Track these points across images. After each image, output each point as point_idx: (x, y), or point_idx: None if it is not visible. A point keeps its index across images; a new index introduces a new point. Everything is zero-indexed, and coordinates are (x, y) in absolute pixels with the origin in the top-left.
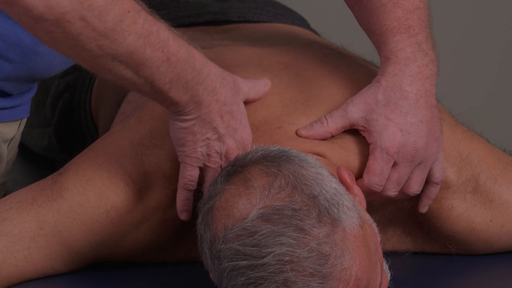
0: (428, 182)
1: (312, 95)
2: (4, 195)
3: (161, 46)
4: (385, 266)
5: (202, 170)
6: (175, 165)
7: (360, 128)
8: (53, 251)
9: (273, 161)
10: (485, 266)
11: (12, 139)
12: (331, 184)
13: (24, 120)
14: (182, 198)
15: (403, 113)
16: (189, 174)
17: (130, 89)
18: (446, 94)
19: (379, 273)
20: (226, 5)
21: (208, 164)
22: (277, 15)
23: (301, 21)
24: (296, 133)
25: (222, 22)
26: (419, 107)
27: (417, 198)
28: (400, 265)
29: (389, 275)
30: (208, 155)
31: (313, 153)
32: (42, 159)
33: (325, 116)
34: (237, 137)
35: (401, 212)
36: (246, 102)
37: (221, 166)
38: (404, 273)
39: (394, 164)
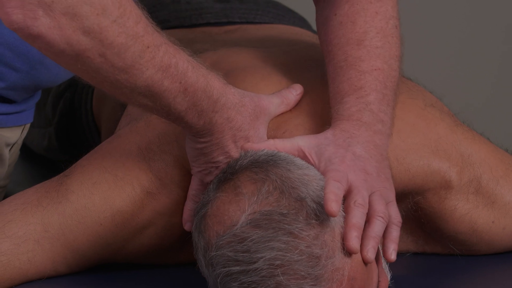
0: (387, 224)
1: (315, 96)
2: (5, 197)
3: (179, 78)
4: (385, 266)
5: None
6: (183, 171)
7: (307, 154)
8: (57, 254)
9: (261, 167)
10: (486, 267)
11: (14, 144)
12: (319, 183)
13: (28, 125)
14: (188, 208)
15: (351, 146)
16: (197, 188)
17: (148, 112)
18: (447, 93)
19: (375, 272)
20: (228, 6)
21: None
22: (279, 16)
23: (303, 22)
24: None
25: (223, 23)
26: (369, 147)
27: (417, 200)
28: (401, 265)
29: (389, 275)
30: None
31: None
32: (43, 159)
33: (274, 140)
34: None
35: (404, 213)
36: None
37: None
38: (405, 273)
39: (348, 191)
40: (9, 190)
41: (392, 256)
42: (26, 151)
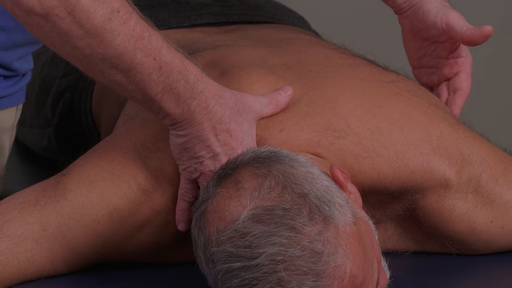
0: None
1: (315, 96)
2: (3, 197)
3: (153, 53)
4: (384, 264)
5: (193, 188)
6: (178, 169)
7: None
8: (56, 252)
9: (263, 162)
10: (485, 266)
11: (10, 129)
12: (322, 182)
13: (20, 106)
14: (179, 208)
15: None
16: (185, 186)
17: (124, 96)
18: None
19: (375, 270)
20: (227, 5)
21: (202, 182)
22: (278, 15)
23: (302, 22)
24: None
25: (223, 23)
26: None
27: (416, 199)
28: (400, 265)
29: (388, 274)
30: (203, 173)
31: (310, 153)
32: (42, 159)
33: None
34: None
35: (403, 211)
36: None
37: None
38: (404, 273)
39: None
40: (9, 190)
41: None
42: (25, 150)
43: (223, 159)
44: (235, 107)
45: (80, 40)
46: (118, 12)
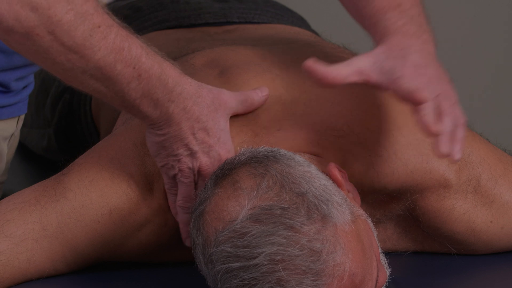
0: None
1: (314, 96)
2: (3, 195)
3: (133, 62)
4: (384, 262)
5: (177, 182)
6: None
7: (368, 74)
8: (56, 252)
9: (260, 162)
10: (485, 266)
11: (11, 136)
12: (320, 181)
13: (22, 117)
14: (171, 202)
15: (408, 55)
16: (168, 182)
17: (103, 101)
18: None
19: (375, 268)
20: (226, 5)
21: (180, 178)
22: (277, 15)
23: (301, 22)
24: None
25: (222, 23)
26: (424, 55)
27: (415, 199)
28: (400, 265)
29: (388, 271)
30: (180, 170)
31: (308, 153)
32: (42, 159)
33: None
34: (212, 154)
35: (402, 211)
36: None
37: (194, 181)
38: (404, 273)
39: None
40: (9, 190)
41: (457, 156)
42: (25, 151)
43: (201, 157)
44: (212, 105)
45: (60, 56)
46: (99, 27)
